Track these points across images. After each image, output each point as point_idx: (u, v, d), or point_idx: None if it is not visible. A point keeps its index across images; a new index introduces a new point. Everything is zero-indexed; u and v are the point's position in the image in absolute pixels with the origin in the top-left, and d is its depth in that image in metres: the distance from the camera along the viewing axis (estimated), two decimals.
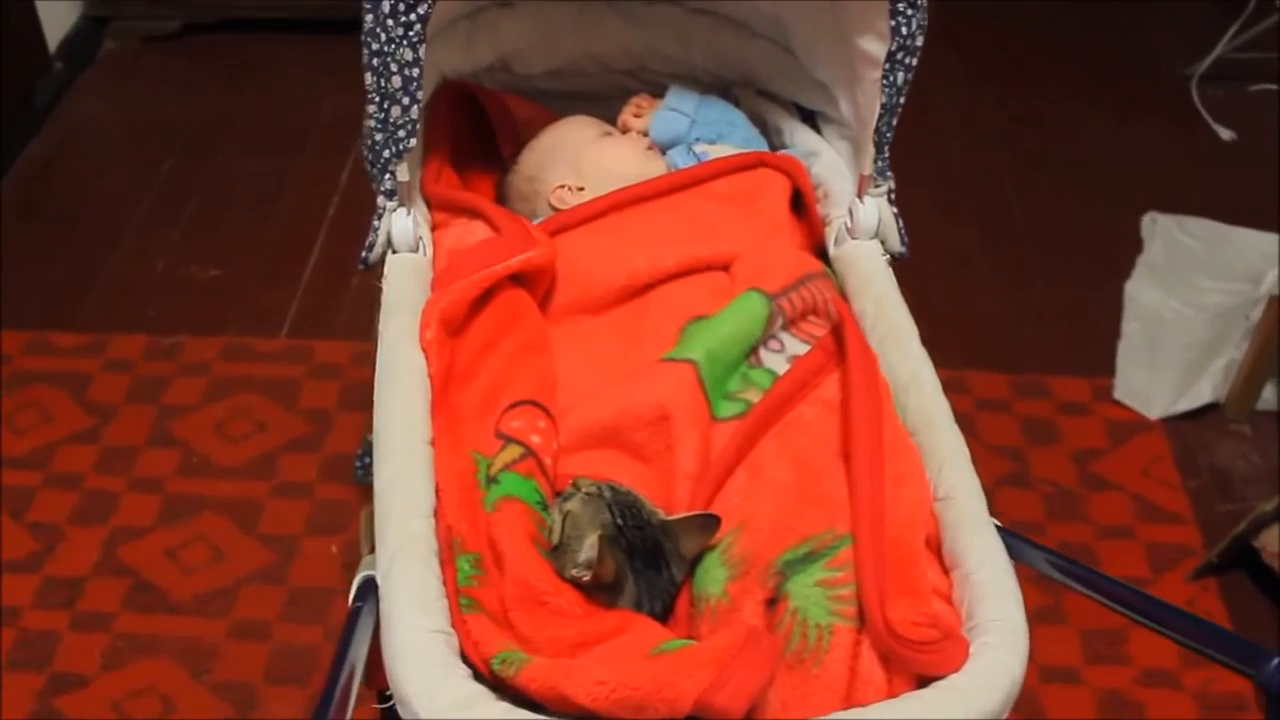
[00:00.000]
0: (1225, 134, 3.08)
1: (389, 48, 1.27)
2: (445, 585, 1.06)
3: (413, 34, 1.27)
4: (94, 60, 3.25)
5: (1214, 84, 3.18)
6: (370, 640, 1.07)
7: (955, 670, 1.00)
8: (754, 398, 1.24)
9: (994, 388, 2.40)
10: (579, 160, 1.53)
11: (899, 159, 1.47)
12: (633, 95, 1.66)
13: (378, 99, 1.31)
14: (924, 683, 1.01)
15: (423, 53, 1.28)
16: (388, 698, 1.01)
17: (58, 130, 3.02)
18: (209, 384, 2.36)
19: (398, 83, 1.29)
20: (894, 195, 1.47)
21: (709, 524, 1.13)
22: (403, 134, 1.33)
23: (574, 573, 1.09)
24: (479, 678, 1.01)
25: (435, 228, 1.45)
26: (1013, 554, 1.12)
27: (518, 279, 1.32)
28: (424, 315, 1.26)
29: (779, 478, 1.17)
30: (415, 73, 1.29)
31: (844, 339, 1.21)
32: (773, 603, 1.08)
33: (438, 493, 1.13)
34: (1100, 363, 2.47)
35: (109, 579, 2.03)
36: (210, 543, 2.09)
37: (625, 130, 1.60)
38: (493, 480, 1.15)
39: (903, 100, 1.38)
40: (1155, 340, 2.51)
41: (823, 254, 1.49)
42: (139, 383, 2.36)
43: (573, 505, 1.12)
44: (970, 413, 2.35)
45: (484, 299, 1.29)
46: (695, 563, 1.14)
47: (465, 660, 1.02)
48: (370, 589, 1.08)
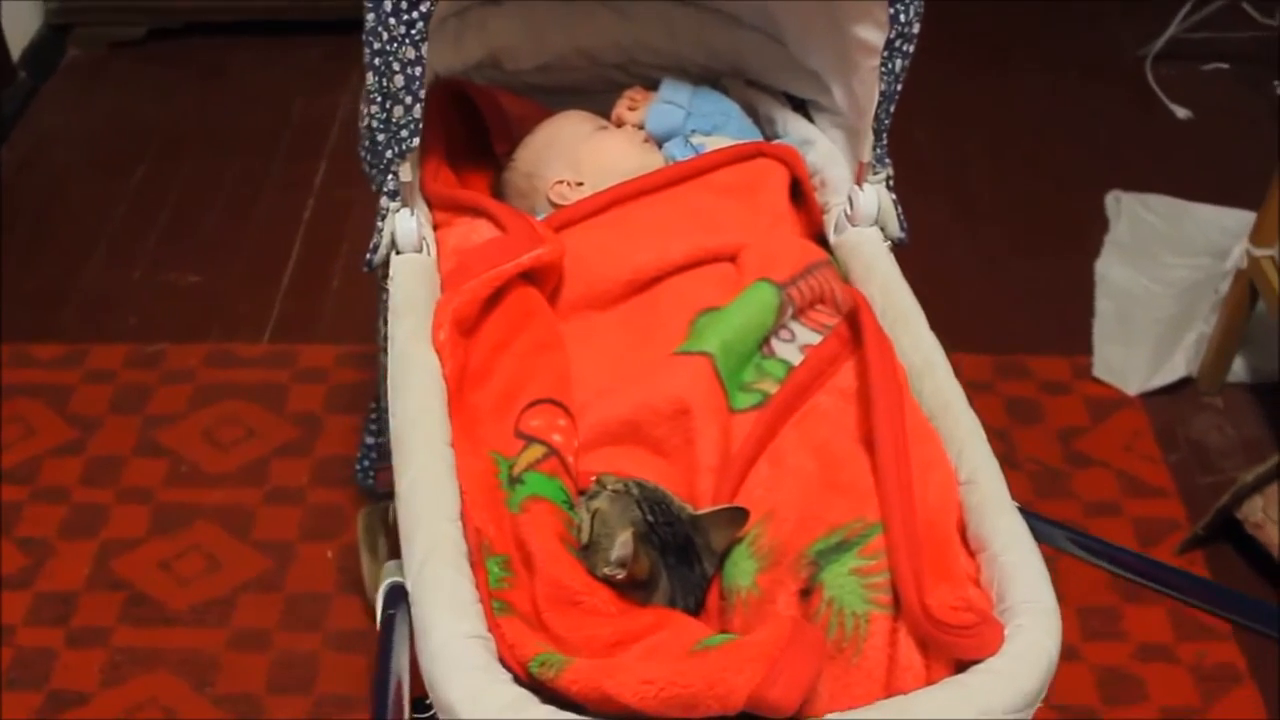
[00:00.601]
0: (1181, 112, 3.12)
1: (391, 46, 1.26)
2: (478, 589, 1.05)
3: (415, 32, 1.25)
4: (58, 69, 3.20)
5: (1168, 64, 3.22)
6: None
7: (993, 654, 1.00)
8: (770, 388, 1.24)
9: (977, 369, 2.41)
10: (576, 155, 1.52)
11: None
12: (621, 88, 1.65)
13: (379, 99, 1.30)
14: (961, 667, 1.01)
15: (425, 51, 1.27)
16: (427, 706, 0.99)
17: (25, 140, 2.98)
18: (194, 391, 2.33)
19: (400, 82, 1.28)
20: (892, 181, 1.48)
21: (737, 517, 1.13)
22: (405, 133, 1.32)
23: (607, 571, 1.08)
24: (517, 681, 1.00)
25: (437, 227, 1.43)
26: (1035, 534, 1.12)
27: (527, 276, 1.31)
28: (436, 316, 1.25)
29: (802, 467, 1.17)
30: (418, 71, 1.28)
31: (860, 326, 1.21)
32: (806, 593, 1.08)
33: (461, 495, 1.12)
34: (1077, 341, 2.49)
35: (103, 593, 1.99)
36: (204, 552, 2.06)
37: (620, 124, 1.60)
38: (516, 481, 1.14)
39: (900, 87, 1.39)
40: (1127, 317, 2.53)
41: (821, 242, 1.49)
42: (122, 392, 2.33)
43: (601, 503, 1.11)
44: None
45: (495, 298, 1.28)
46: (723, 556, 1.14)
47: (502, 664, 1.01)
48: (399, 596, 1.07)
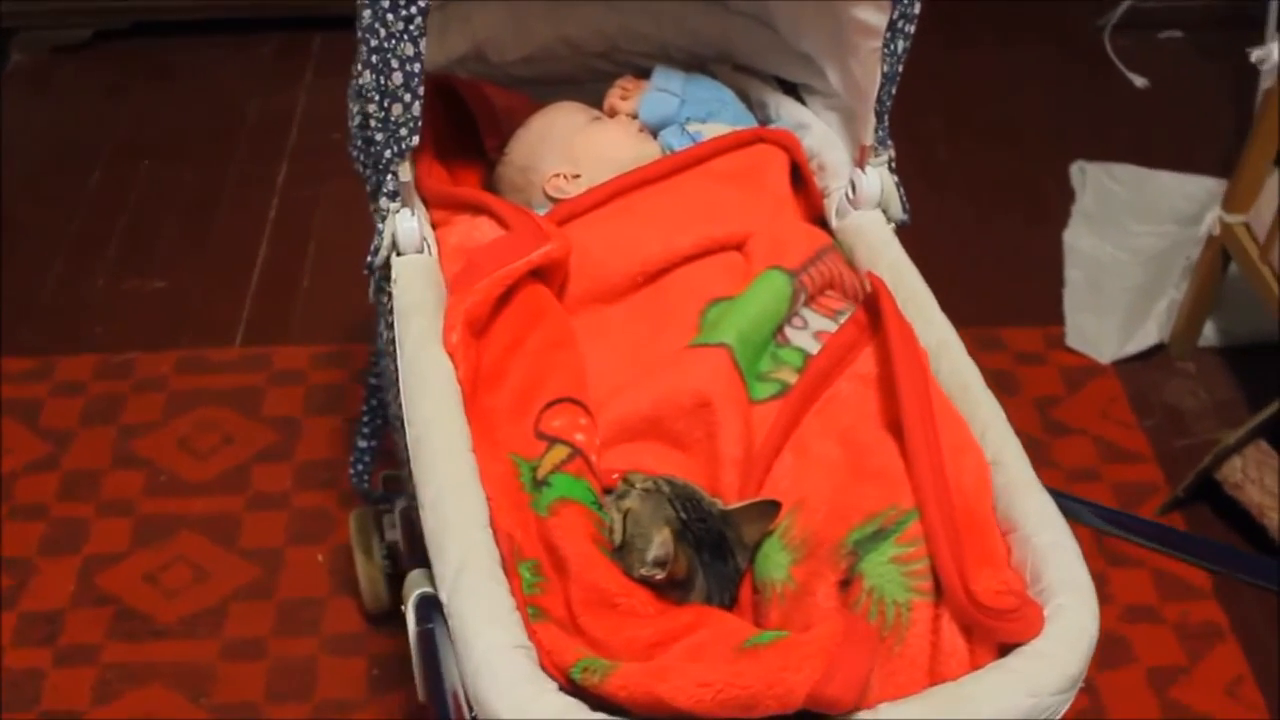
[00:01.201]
0: (1139, 81, 3.16)
1: (389, 43, 1.23)
2: (513, 595, 1.03)
3: (413, 28, 1.22)
4: (1, 75, 3.12)
5: (1125, 33, 3.24)
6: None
7: (1035, 635, 1.00)
8: (788, 377, 1.23)
9: None
10: (571, 147, 1.50)
11: None
12: (607, 77, 1.63)
13: (377, 97, 1.26)
14: (1004, 650, 1.01)
15: (423, 47, 1.23)
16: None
17: None
18: (167, 399, 2.29)
19: (399, 79, 1.25)
20: (894, 163, 1.47)
21: (769, 510, 1.12)
22: (404, 132, 1.28)
23: (644, 572, 1.06)
24: (559, 689, 0.98)
25: (436, 226, 1.40)
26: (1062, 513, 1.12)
27: (535, 274, 1.28)
28: (447, 318, 1.23)
29: (827, 456, 1.16)
30: (416, 68, 1.24)
31: (881, 310, 1.20)
32: (845, 584, 1.07)
33: (487, 500, 1.10)
34: (1048, 311, 2.51)
35: (89, 609, 1.95)
36: (190, 562, 2.03)
37: (613, 113, 1.57)
38: (542, 483, 1.12)
39: (901, 68, 1.38)
40: (1098, 286, 2.56)
41: (822, 226, 1.48)
42: (93, 404, 2.28)
43: (632, 503, 1.09)
44: None
45: (505, 297, 1.25)
46: (754, 549, 1.13)
47: (543, 672, 0.99)
48: (433, 607, 1.05)
